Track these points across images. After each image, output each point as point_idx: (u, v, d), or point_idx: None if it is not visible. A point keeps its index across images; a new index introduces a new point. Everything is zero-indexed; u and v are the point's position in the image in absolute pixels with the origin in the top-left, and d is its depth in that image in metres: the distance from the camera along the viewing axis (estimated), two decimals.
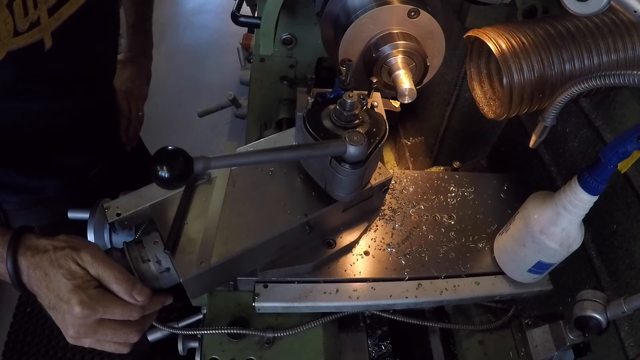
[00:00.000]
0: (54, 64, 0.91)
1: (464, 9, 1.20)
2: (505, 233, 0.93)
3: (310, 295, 0.87)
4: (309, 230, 0.86)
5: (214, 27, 4.07)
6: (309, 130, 0.79)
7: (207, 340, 0.87)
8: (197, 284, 0.79)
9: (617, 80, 0.66)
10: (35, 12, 0.83)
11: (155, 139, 1.20)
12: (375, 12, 0.84)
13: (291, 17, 1.20)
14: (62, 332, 0.78)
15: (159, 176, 0.58)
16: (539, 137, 0.85)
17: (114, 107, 1.18)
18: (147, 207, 0.87)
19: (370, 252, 0.94)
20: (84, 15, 0.93)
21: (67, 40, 0.92)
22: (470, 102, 1.32)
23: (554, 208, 0.80)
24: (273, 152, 0.70)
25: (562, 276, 0.99)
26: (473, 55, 0.96)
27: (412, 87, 0.81)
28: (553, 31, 0.82)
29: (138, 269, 0.80)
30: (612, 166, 0.70)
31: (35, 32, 0.84)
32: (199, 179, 0.86)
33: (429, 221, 1.01)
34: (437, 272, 0.92)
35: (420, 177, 1.10)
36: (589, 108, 0.97)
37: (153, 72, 1.38)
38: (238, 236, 0.80)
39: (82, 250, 0.73)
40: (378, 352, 1.09)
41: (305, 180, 0.88)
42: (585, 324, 0.78)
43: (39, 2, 0.83)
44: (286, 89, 1.39)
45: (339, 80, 0.84)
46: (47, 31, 0.86)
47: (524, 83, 0.82)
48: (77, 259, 0.72)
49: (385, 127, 0.81)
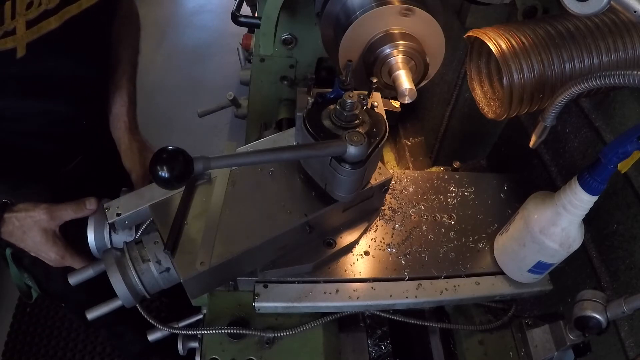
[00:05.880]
0: (26, 70, 0.93)
1: (464, 9, 1.20)
2: (505, 233, 0.93)
3: (310, 295, 0.87)
4: (309, 230, 0.86)
5: (214, 27, 4.06)
6: (309, 130, 0.79)
7: (207, 340, 0.87)
8: (197, 284, 0.79)
9: (617, 80, 0.66)
10: (11, 22, 0.86)
11: (155, 139, 1.20)
12: (375, 12, 0.84)
13: (291, 17, 1.20)
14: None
15: (159, 176, 0.58)
16: (539, 137, 0.85)
17: (101, 108, 1.18)
18: (147, 207, 0.87)
19: (370, 252, 0.94)
20: (66, 31, 0.95)
21: (44, 52, 0.94)
22: (470, 102, 1.32)
23: (554, 208, 0.80)
24: (273, 152, 0.70)
25: (562, 276, 0.99)
26: (473, 55, 0.96)
27: (412, 87, 0.81)
28: (553, 31, 0.82)
29: (138, 269, 0.80)
30: (612, 166, 0.70)
31: (8, 40, 0.87)
32: (199, 179, 0.86)
33: (429, 221, 1.01)
34: (437, 272, 0.92)
35: (420, 177, 1.10)
36: (589, 108, 0.97)
37: (153, 72, 1.37)
38: (238, 236, 0.80)
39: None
40: (378, 352, 1.09)
41: (305, 180, 0.88)
42: (585, 324, 0.78)
43: (18, 14, 0.86)
44: (286, 89, 1.39)
45: (339, 80, 0.84)
46: (22, 42, 0.89)
47: (524, 83, 0.81)
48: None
49: (385, 127, 0.81)
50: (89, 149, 1.21)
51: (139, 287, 0.80)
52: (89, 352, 2.17)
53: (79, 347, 2.18)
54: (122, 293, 0.79)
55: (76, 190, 0.97)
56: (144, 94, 1.35)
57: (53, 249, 0.97)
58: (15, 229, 0.95)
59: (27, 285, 1.19)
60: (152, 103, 3.02)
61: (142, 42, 1.28)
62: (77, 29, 0.98)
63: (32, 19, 0.89)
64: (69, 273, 0.86)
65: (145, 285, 0.81)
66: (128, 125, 1.17)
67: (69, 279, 0.85)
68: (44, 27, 0.92)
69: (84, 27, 1.00)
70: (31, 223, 0.95)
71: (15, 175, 1.09)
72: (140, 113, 1.24)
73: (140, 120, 1.23)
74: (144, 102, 1.31)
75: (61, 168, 1.18)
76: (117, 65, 1.19)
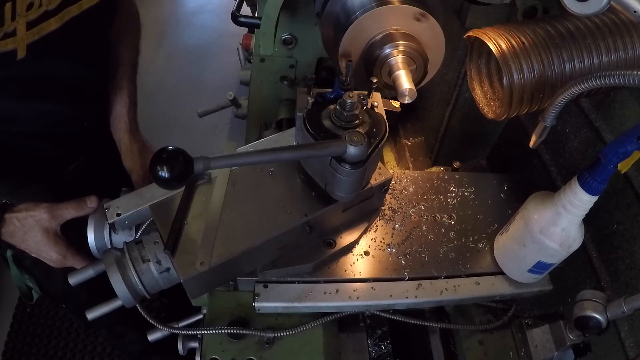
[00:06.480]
0: (26, 71, 0.93)
1: (464, 9, 1.20)
2: (505, 233, 0.93)
3: (310, 295, 0.87)
4: (309, 231, 0.86)
5: (214, 27, 4.06)
6: (309, 130, 0.79)
7: (207, 340, 0.87)
8: (197, 284, 0.79)
9: (617, 80, 0.66)
10: (12, 23, 0.86)
11: (155, 139, 1.20)
12: (375, 12, 0.84)
13: (291, 17, 1.20)
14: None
15: (159, 176, 0.58)
16: (539, 137, 0.85)
17: (101, 109, 1.18)
18: (147, 207, 0.87)
19: (370, 252, 0.94)
20: (67, 32, 0.95)
21: (44, 53, 0.94)
22: (470, 102, 1.32)
23: (554, 208, 0.80)
24: (273, 152, 0.70)
25: (562, 276, 0.99)
26: (473, 55, 0.95)
27: (412, 87, 0.81)
28: (553, 31, 0.82)
29: (138, 269, 0.80)
30: (612, 166, 0.70)
31: (8, 42, 0.87)
32: (199, 179, 0.86)
33: (429, 221, 1.01)
34: (437, 272, 0.92)
35: (420, 177, 1.10)
36: (589, 108, 0.97)
37: (153, 72, 1.37)
38: (238, 236, 0.80)
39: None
40: (378, 352, 1.09)
41: (305, 180, 0.88)
42: (585, 324, 0.78)
43: (18, 15, 0.86)
44: (286, 89, 1.39)
45: (339, 80, 0.84)
46: (23, 43, 0.89)
47: (524, 83, 0.81)
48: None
49: (385, 127, 0.81)
50: (90, 150, 1.21)
51: (139, 287, 0.80)
52: (89, 352, 2.17)
53: (79, 347, 2.18)
54: (122, 293, 0.79)
55: (77, 192, 0.97)
56: (144, 94, 1.35)
57: (54, 249, 0.97)
58: (16, 230, 0.95)
59: (28, 287, 1.19)
60: (152, 103, 3.02)
61: (142, 42, 1.28)
62: (77, 29, 0.98)
63: (32, 20, 0.89)
64: (69, 273, 0.86)
65: (145, 285, 0.81)
66: (129, 126, 1.16)
67: (69, 279, 0.85)
68: (44, 28, 0.91)
69: (85, 27, 1.00)
70: (32, 223, 0.95)
71: (16, 176, 1.09)
72: (140, 113, 1.24)
73: (140, 120, 1.23)
74: (144, 102, 1.31)
75: (62, 169, 1.18)
76: (117, 65, 1.19)
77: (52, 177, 1.15)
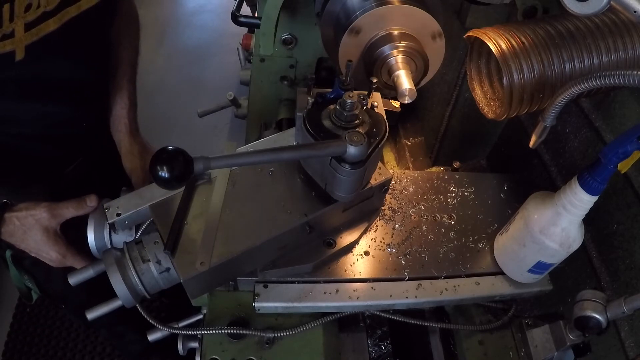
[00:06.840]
0: (25, 73, 0.93)
1: (464, 9, 1.20)
2: (505, 233, 0.93)
3: (310, 295, 0.87)
4: (309, 231, 0.86)
5: (214, 27, 4.06)
6: (309, 130, 0.79)
7: (207, 340, 0.87)
8: (197, 284, 0.79)
9: (617, 80, 0.66)
10: (10, 25, 0.86)
11: (155, 139, 1.19)
12: (375, 12, 0.84)
13: (291, 17, 1.20)
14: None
15: (159, 176, 0.58)
16: (539, 137, 0.85)
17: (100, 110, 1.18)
18: (147, 207, 0.87)
19: (370, 252, 0.94)
20: (65, 33, 0.95)
21: (43, 54, 0.94)
22: (470, 102, 1.32)
23: (554, 208, 0.80)
24: (273, 152, 0.70)
25: (562, 276, 0.99)
26: (473, 55, 0.95)
27: (412, 87, 0.81)
28: (553, 31, 0.82)
29: (138, 269, 0.80)
30: (612, 166, 0.70)
31: (7, 43, 0.87)
32: (199, 179, 0.86)
33: (429, 221, 1.01)
34: (437, 272, 0.92)
35: (420, 177, 1.10)
36: (589, 108, 0.97)
37: (153, 72, 1.37)
38: (238, 236, 0.80)
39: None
40: (378, 352, 1.09)
41: (305, 180, 0.88)
42: (585, 324, 0.78)
43: (17, 16, 0.86)
44: (286, 89, 1.39)
45: (339, 80, 0.84)
46: (21, 44, 0.89)
47: (524, 83, 0.81)
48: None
49: (385, 127, 0.81)
50: (89, 151, 1.21)
51: (139, 287, 0.80)
52: (89, 352, 2.17)
53: (79, 347, 2.18)
54: (122, 293, 0.79)
55: (76, 192, 0.97)
56: (144, 94, 1.35)
57: (54, 248, 0.97)
58: (16, 229, 0.95)
59: (27, 287, 1.19)
60: (152, 103, 3.02)
61: (142, 42, 1.28)
62: (76, 30, 0.97)
63: (30, 21, 0.89)
64: (69, 273, 0.86)
65: (145, 285, 0.81)
66: (129, 127, 1.16)
67: (69, 279, 0.85)
68: (42, 30, 0.91)
69: (83, 28, 1.00)
70: (32, 222, 0.95)
71: (16, 177, 1.09)
72: (140, 113, 1.24)
73: (140, 121, 1.22)
74: (144, 102, 1.31)
75: (61, 170, 1.18)
76: (117, 66, 1.19)
77: (51, 177, 1.15)
